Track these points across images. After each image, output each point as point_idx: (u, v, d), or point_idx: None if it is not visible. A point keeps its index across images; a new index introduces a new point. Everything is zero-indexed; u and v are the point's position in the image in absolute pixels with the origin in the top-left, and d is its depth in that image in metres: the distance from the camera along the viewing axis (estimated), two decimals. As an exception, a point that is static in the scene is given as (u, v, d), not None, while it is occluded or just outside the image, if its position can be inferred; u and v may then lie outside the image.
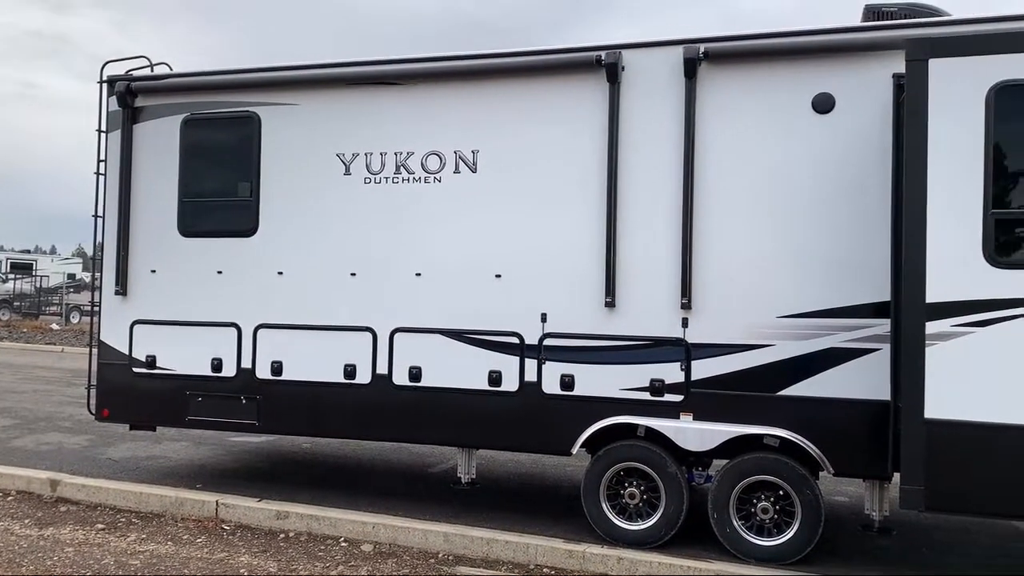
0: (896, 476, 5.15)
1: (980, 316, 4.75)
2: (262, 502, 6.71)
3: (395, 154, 6.58)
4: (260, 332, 6.90)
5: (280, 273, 6.86)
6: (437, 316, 6.42)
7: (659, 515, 5.89)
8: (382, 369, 6.54)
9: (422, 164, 6.51)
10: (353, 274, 6.65)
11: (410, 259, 6.51)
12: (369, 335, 6.58)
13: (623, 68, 6.05)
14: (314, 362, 6.72)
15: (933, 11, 5.93)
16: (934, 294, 4.82)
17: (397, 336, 6.51)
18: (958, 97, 4.82)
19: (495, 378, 6.26)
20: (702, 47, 5.84)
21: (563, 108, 6.22)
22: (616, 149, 6.06)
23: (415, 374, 6.46)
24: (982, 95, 4.77)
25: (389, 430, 6.72)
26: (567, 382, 6.11)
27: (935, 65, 4.86)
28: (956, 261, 4.79)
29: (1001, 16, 5.42)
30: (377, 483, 7.72)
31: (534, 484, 7.94)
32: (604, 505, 6.03)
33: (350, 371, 6.61)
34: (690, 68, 5.85)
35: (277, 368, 6.82)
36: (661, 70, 6.00)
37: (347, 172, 6.70)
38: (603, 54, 6.03)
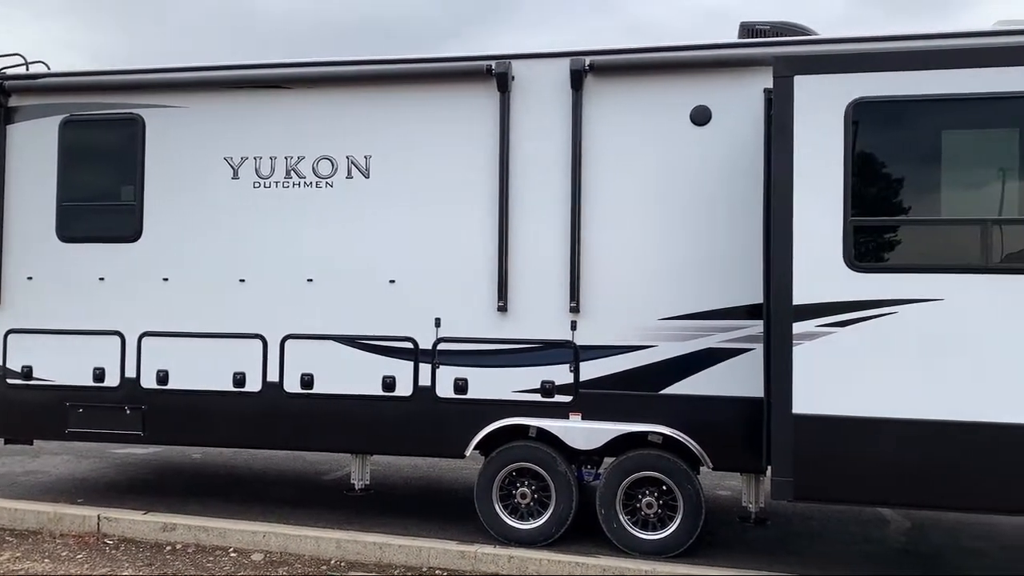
0: (770, 469, 5.44)
1: (841, 317, 5.10)
2: (148, 515, 6.51)
3: (285, 158, 6.52)
4: (145, 340, 6.70)
5: (166, 279, 6.69)
6: (330, 322, 6.39)
7: (550, 513, 6.03)
8: (273, 377, 6.46)
9: (313, 169, 6.47)
10: (242, 280, 6.55)
11: (301, 265, 6.46)
12: (259, 342, 6.48)
13: (513, 78, 6.19)
14: (202, 370, 6.57)
15: (802, 30, 6.29)
16: (800, 296, 5.14)
17: (288, 343, 6.45)
18: (820, 111, 5.16)
19: (389, 383, 6.28)
20: (588, 60, 6.04)
21: (455, 115, 6.31)
22: (507, 157, 6.18)
23: (307, 381, 6.41)
24: (841, 110, 5.13)
25: (281, 438, 6.63)
26: (460, 386, 6.19)
27: (800, 81, 5.19)
28: (820, 265, 5.12)
29: (861, 37, 5.84)
30: (270, 492, 7.61)
31: (430, 488, 7.99)
32: (497, 505, 6.14)
33: (239, 379, 6.50)
34: (576, 80, 6.04)
35: (163, 377, 6.64)
36: (549, 81, 6.16)
37: (235, 176, 6.59)
38: (493, 64, 6.16)
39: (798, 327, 5.13)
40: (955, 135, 5.19)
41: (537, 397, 6.09)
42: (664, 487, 5.88)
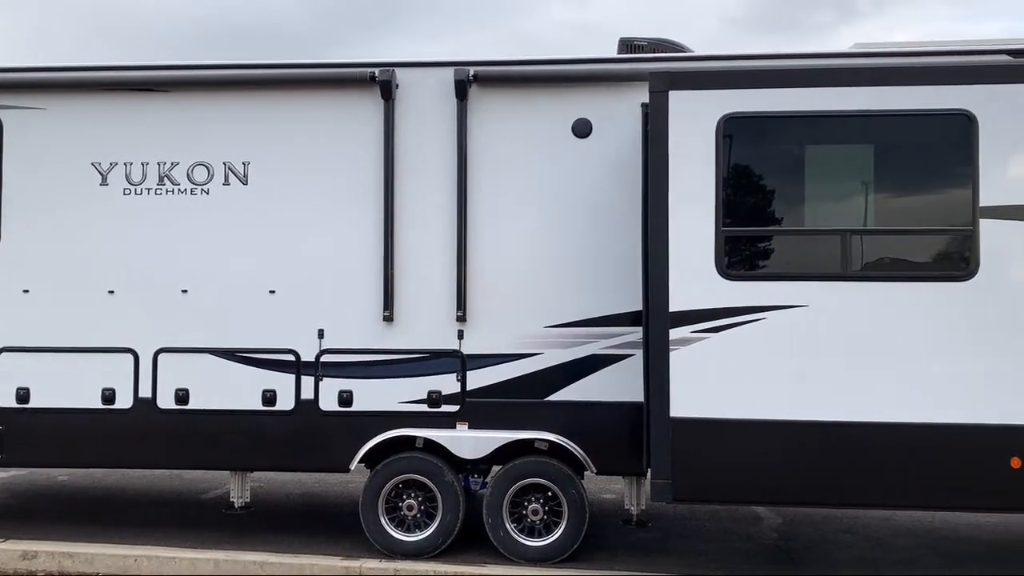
0: (650, 472, 5.58)
1: (714, 323, 5.29)
2: (6, 542, 6.10)
3: (158, 164, 6.26)
4: (3, 356, 6.27)
5: (26, 291, 6.28)
6: (206, 335, 6.16)
7: (436, 524, 5.99)
8: (145, 392, 6.16)
9: (188, 175, 6.24)
10: (111, 291, 6.23)
11: (175, 275, 6.20)
12: (130, 357, 6.18)
13: (397, 86, 6.15)
14: (67, 387, 6.19)
15: (678, 47, 6.52)
16: (676, 304, 5.31)
17: (161, 357, 6.17)
18: (693, 126, 5.35)
19: (269, 397, 6.10)
20: (472, 70, 6.07)
21: (338, 122, 6.22)
22: (392, 165, 6.14)
23: (182, 396, 6.15)
24: (713, 124, 5.34)
25: (154, 457, 6.35)
26: (345, 398, 6.09)
27: (674, 96, 5.38)
28: (694, 273, 5.31)
29: (732, 55, 6.12)
30: (144, 515, 7.24)
31: (315, 503, 7.80)
32: (383, 519, 6.04)
33: (109, 396, 6.17)
34: (461, 89, 6.06)
35: (23, 395, 6.23)
36: (434, 90, 6.15)
37: (104, 182, 6.27)
38: (377, 71, 6.10)
39: (674, 333, 5.30)
40: (817, 150, 5.49)
41: (424, 407, 6.06)
42: (550, 493, 5.94)
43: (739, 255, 5.39)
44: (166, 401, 6.16)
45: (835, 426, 5.21)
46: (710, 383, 5.28)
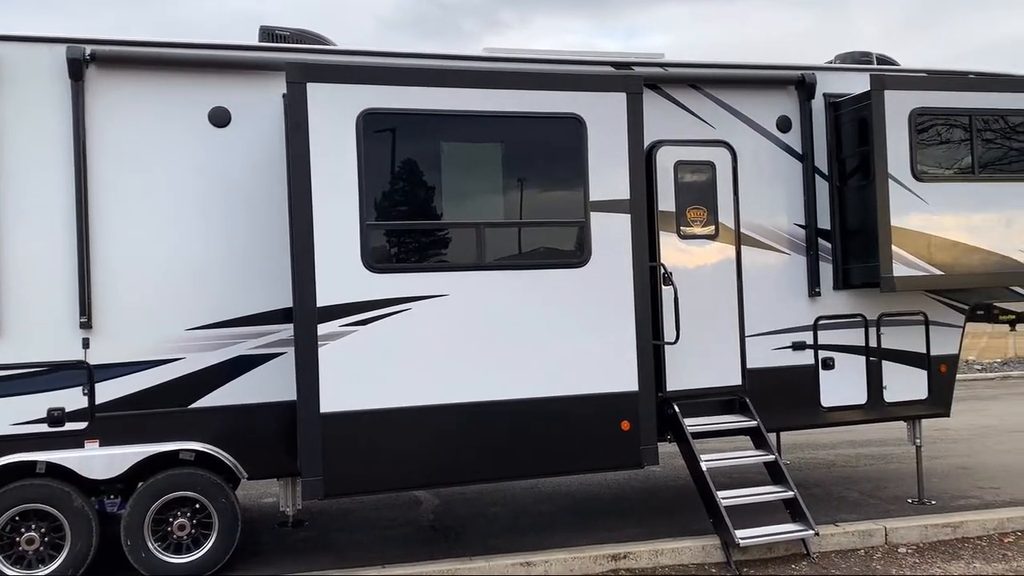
0: (304, 470, 5.49)
1: (362, 316, 5.36)
2: None
3: None
4: None
5: None
6: None
7: (65, 556, 5.37)
8: None
9: None
10: None
11: None
12: None
13: (-6, 62, 5.36)
14: None
15: (320, 39, 6.47)
16: (324, 298, 5.28)
17: None
18: (334, 119, 5.34)
19: None
20: (88, 48, 5.49)
21: (-84, 101, 5.27)
22: (-11, 152, 5.34)
23: None
24: (353, 119, 5.37)
25: None
26: (-62, 425, 5.19)
27: (313, 89, 5.32)
28: (340, 267, 5.31)
29: (372, 51, 6.20)
30: None
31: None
32: (-7, 560, 5.27)
33: None
34: (75, 69, 5.45)
35: None
36: (43, 68, 5.50)
37: None
38: (-35, 44, 5.26)
39: (323, 328, 5.27)
40: (453, 147, 5.76)
41: (44, 427, 5.41)
42: (198, 505, 5.61)
43: (384, 248, 5.49)
44: None
45: (475, 407, 5.54)
46: (360, 376, 5.32)
